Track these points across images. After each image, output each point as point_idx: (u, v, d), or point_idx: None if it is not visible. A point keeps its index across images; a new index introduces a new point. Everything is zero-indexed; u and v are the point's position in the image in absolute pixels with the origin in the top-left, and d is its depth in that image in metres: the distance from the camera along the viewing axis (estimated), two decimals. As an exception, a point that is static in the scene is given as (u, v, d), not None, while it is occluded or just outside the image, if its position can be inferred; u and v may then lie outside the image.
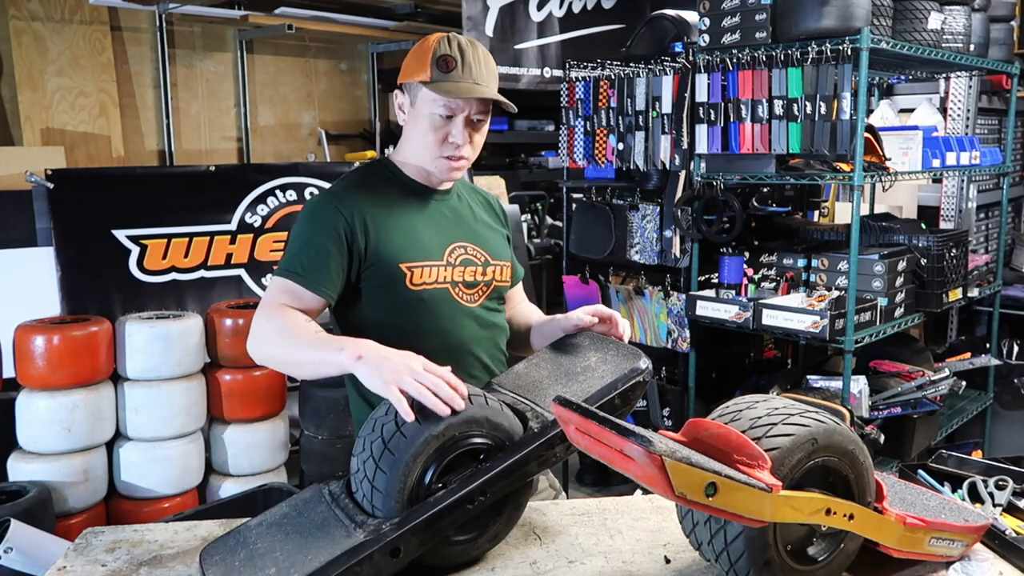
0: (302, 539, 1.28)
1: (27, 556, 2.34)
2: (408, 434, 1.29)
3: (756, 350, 3.97)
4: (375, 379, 1.34)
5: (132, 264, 3.41)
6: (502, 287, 1.76)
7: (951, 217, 4.50)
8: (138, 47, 4.49)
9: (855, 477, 1.21)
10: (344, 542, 1.24)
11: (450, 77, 1.58)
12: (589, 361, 1.54)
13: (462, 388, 1.33)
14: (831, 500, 1.17)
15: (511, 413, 1.39)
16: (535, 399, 1.47)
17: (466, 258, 1.69)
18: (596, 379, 1.47)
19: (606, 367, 1.50)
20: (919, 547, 1.28)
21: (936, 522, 1.29)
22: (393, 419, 1.32)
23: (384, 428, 1.32)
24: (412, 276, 1.62)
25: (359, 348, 1.40)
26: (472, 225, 1.76)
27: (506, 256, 1.78)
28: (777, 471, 1.12)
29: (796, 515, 1.13)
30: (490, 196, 1.90)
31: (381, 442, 1.31)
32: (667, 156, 3.48)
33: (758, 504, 1.08)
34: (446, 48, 1.60)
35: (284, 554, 1.26)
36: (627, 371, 1.45)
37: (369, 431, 1.35)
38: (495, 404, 1.37)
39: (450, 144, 1.63)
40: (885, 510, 1.24)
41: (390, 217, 1.65)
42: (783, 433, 1.15)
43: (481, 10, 4.52)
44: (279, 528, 1.33)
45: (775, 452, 1.13)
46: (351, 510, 1.32)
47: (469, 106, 1.61)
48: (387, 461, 1.29)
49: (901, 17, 3.10)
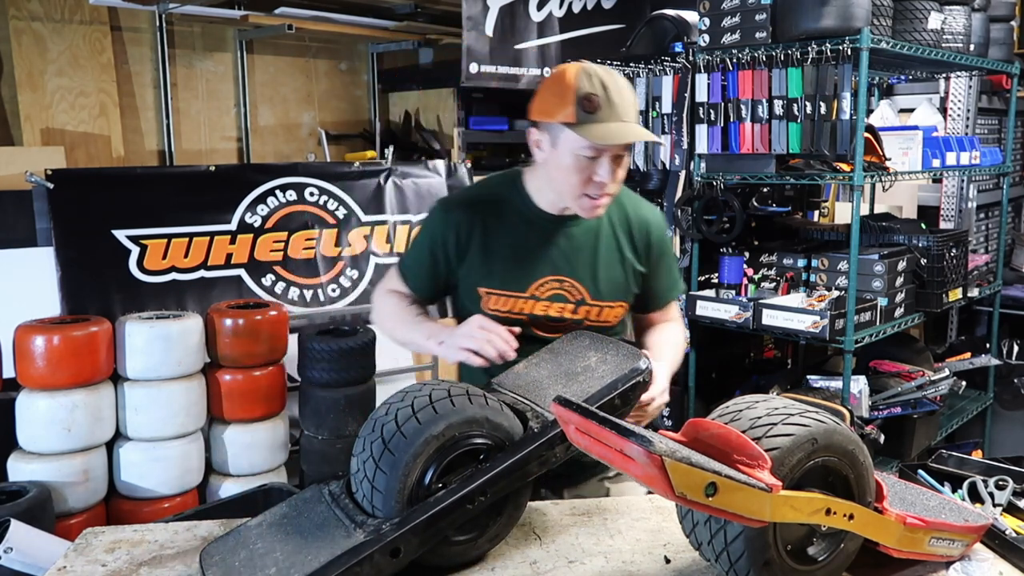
0: (302, 539, 1.28)
1: (27, 556, 2.34)
2: (408, 434, 1.29)
3: (756, 350, 3.97)
4: (450, 355, 1.56)
5: (132, 264, 3.41)
6: (602, 327, 1.69)
7: (951, 217, 4.50)
8: (138, 47, 4.48)
9: (855, 477, 1.21)
10: (344, 542, 1.23)
11: (596, 118, 1.52)
12: (589, 361, 1.53)
13: (512, 341, 1.53)
14: (831, 500, 1.17)
15: (511, 413, 1.39)
16: (535, 399, 1.47)
17: (558, 293, 1.65)
18: (596, 379, 1.47)
19: (606, 367, 1.49)
20: (919, 547, 1.28)
21: (936, 522, 1.29)
22: (394, 419, 1.32)
23: (384, 428, 1.32)
24: (488, 301, 1.66)
25: (438, 334, 1.60)
26: (587, 258, 1.68)
27: (619, 294, 1.71)
28: (777, 471, 1.12)
29: (796, 515, 1.13)
30: (642, 220, 1.74)
31: (381, 442, 1.31)
32: (667, 156, 3.48)
33: (758, 504, 1.08)
34: (588, 86, 1.52)
35: (284, 554, 1.25)
36: (627, 371, 1.45)
37: (369, 431, 1.35)
38: (495, 404, 1.37)
39: (596, 184, 1.57)
40: (885, 510, 1.24)
41: (493, 239, 1.66)
42: (783, 433, 1.15)
43: (481, 10, 4.52)
44: (279, 528, 1.33)
45: (775, 452, 1.13)
46: (351, 510, 1.32)
47: (614, 146, 1.56)
48: (387, 461, 1.29)
49: (901, 17, 3.10)
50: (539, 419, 1.40)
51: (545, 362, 1.59)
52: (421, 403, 1.33)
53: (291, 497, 1.43)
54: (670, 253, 1.82)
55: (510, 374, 1.59)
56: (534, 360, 1.60)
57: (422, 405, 1.32)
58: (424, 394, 1.35)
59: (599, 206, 1.61)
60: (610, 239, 1.71)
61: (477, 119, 4.92)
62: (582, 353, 1.57)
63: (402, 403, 1.36)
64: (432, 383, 1.41)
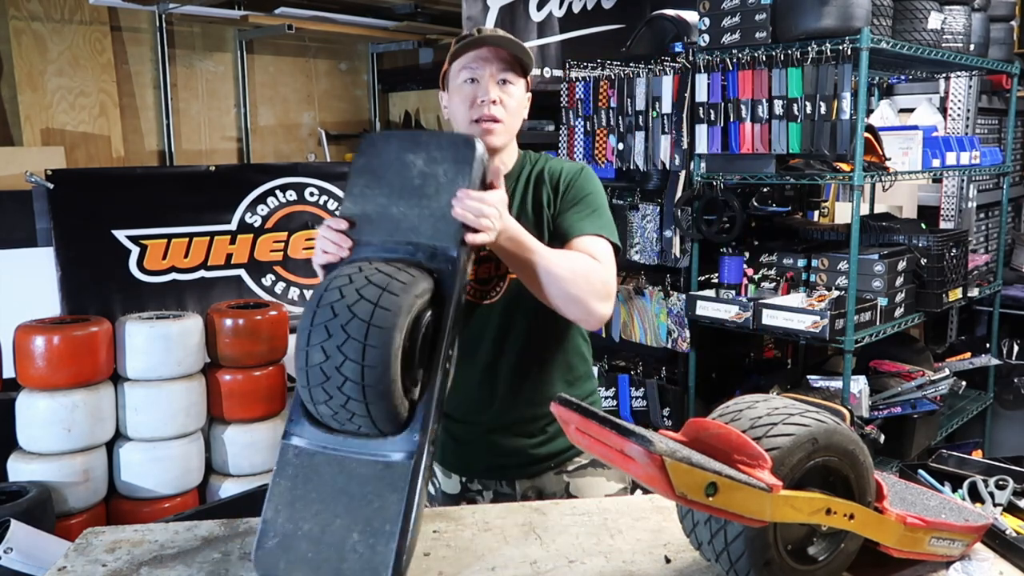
0: (341, 494, 1.24)
1: (27, 556, 2.34)
2: (382, 323, 1.21)
3: (756, 350, 3.96)
4: (316, 262, 1.48)
5: (132, 264, 3.41)
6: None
7: (951, 217, 4.50)
8: (138, 47, 4.48)
9: (855, 477, 1.21)
10: (384, 472, 1.23)
11: (469, 46, 1.62)
12: (417, 167, 1.41)
13: (339, 229, 1.40)
14: (831, 500, 1.17)
15: (417, 271, 1.32)
16: (407, 237, 1.38)
17: (484, 255, 1.62)
18: (446, 187, 1.37)
19: (444, 167, 1.39)
20: (919, 547, 1.28)
21: (936, 522, 1.29)
22: (347, 307, 1.22)
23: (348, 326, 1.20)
24: None
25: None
26: (518, 211, 1.65)
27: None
28: (777, 471, 1.12)
29: (796, 515, 1.13)
30: (553, 170, 1.71)
31: (362, 328, 1.20)
32: (667, 156, 3.48)
33: (758, 504, 1.08)
34: (466, 32, 1.66)
35: (345, 518, 1.22)
36: (468, 160, 1.37)
37: (325, 337, 1.21)
38: (406, 276, 1.29)
39: (479, 105, 1.60)
40: (885, 510, 1.24)
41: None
42: (783, 433, 1.15)
43: (481, 10, 4.52)
44: (305, 502, 1.27)
45: (775, 452, 1.13)
46: (343, 442, 1.26)
47: (489, 64, 1.61)
48: (373, 355, 1.20)
49: (901, 17, 3.10)
50: (435, 258, 1.34)
51: (371, 188, 1.43)
52: (365, 290, 1.23)
53: (276, 473, 1.31)
54: (590, 196, 1.69)
55: (355, 216, 1.42)
56: (356, 191, 1.44)
57: (366, 286, 1.24)
58: (352, 284, 1.25)
59: (491, 131, 1.61)
60: (526, 196, 1.68)
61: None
62: (401, 157, 1.43)
63: (342, 296, 1.23)
64: (331, 282, 1.27)
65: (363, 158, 1.47)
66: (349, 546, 1.23)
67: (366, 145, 1.49)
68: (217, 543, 1.43)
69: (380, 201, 1.42)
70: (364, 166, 1.46)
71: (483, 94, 1.61)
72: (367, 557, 1.22)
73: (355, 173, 1.46)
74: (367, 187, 1.44)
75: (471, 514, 1.54)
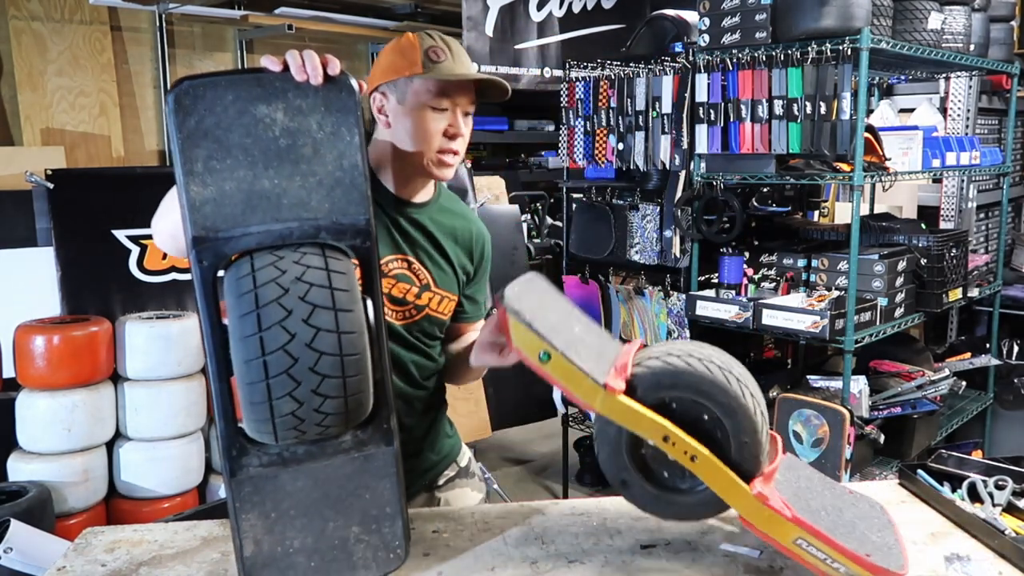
0: (324, 500, 1.23)
1: (27, 556, 2.34)
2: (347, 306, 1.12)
3: (756, 350, 3.96)
4: None
5: (132, 264, 3.41)
6: (436, 319, 1.62)
7: (951, 217, 4.50)
8: (138, 47, 4.48)
9: (732, 438, 1.25)
10: (366, 464, 1.23)
11: (443, 67, 1.52)
12: (278, 122, 1.17)
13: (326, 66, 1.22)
14: (671, 430, 1.22)
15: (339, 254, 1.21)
16: (296, 215, 1.19)
17: (404, 274, 1.58)
18: (325, 142, 1.20)
19: (315, 119, 1.19)
20: (780, 537, 1.23)
21: (811, 527, 1.21)
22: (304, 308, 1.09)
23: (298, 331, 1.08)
24: None
25: None
26: (428, 246, 1.61)
27: (454, 289, 1.65)
28: (636, 385, 1.24)
29: (627, 421, 1.23)
30: (477, 232, 1.71)
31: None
32: (667, 156, 3.49)
33: (591, 393, 1.21)
34: (431, 41, 1.53)
35: (338, 519, 1.23)
36: (350, 107, 1.22)
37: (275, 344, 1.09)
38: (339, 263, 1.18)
39: (448, 136, 1.54)
40: (753, 478, 1.24)
41: None
42: (655, 365, 1.27)
43: (481, 10, 4.53)
44: (284, 522, 1.22)
45: (639, 370, 1.26)
46: (303, 454, 1.18)
47: (466, 94, 1.55)
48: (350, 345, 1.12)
49: (901, 17, 3.10)
50: (341, 234, 1.19)
51: (223, 162, 1.16)
52: (312, 293, 1.11)
53: (240, 510, 1.22)
54: (488, 267, 1.74)
55: (224, 220, 1.15)
56: (205, 170, 1.15)
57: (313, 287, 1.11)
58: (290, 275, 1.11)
59: (451, 165, 1.57)
60: (442, 235, 1.64)
61: (477, 119, 4.92)
62: (249, 114, 1.16)
63: (286, 295, 1.10)
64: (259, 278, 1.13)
65: (191, 117, 1.12)
66: (352, 539, 1.23)
67: (188, 100, 1.12)
68: (216, 543, 1.43)
69: (240, 175, 1.13)
70: (196, 129, 1.12)
71: (457, 126, 1.55)
72: (376, 540, 1.24)
73: (187, 141, 1.12)
74: (212, 159, 1.13)
75: (471, 514, 1.54)
